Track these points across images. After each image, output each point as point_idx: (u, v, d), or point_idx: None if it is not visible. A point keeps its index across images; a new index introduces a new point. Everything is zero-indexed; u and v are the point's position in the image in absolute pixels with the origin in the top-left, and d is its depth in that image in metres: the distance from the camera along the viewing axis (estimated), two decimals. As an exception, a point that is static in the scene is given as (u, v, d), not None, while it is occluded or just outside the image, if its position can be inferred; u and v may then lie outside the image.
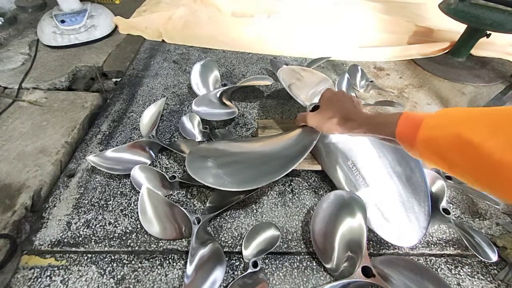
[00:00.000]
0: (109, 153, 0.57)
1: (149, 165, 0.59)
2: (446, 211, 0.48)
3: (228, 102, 0.71)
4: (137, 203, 0.51)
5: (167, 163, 0.61)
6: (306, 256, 0.48)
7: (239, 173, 0.47)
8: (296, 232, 0.50)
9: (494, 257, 0.44)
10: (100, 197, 0.54)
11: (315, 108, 0.54)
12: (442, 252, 0.49)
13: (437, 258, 0.49)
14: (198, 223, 0.47)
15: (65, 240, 0.47)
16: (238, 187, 0.44)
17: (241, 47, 1.02)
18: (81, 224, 0.50)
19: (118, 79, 0.87)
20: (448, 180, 0.55)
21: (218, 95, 0.70)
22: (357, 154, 0.53)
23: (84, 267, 0.45)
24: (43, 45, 0.93)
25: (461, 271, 0.47)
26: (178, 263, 0.46)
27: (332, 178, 0.54)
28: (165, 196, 0.53)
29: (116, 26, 1.06)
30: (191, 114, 0.68)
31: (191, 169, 0.45)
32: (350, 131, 0.44)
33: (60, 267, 0.45)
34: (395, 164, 0.52)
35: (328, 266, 0.45)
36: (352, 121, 0.43)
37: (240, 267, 0.46)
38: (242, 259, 0.46)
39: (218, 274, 0.43)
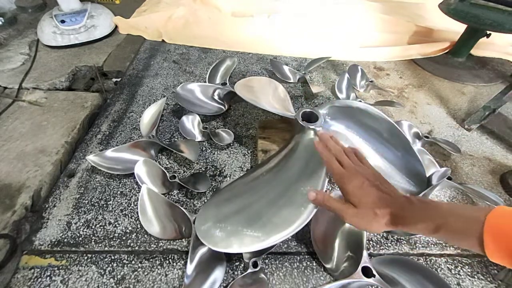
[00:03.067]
0: (109, 153, 0.57)
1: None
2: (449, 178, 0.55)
3: (219, 100, 0.73)
4: (137, 203, 0.51)
5: (167, 163, 0.61)
6: (306, 256, 0.48)
7: (258, 215, 0.41)
8: (296, 232, 0.50)
9: (501, 202, 0.52)
10: (100, 197, 0.54)
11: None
12: (442, 252, 0.49)
13: (437, 258, 0.49)
14: (198, 223, 0.46)
15: (65, 240, 0.47)
16: (268, 238, 0.38)
17: (241, 47, 1.02)
18: (81, 224, 0.50)
19: (118, 79, 0.87)
20: (448, 180, 0.55)
21: (211, 90, 0.72)
22: None
23: (84, 267, 0.45)
24: (43, 45, 0.93)
25: (461, 271, 0.47)
26: (178, 263, 0.46)
27: None
28: (164, 195, 0.53)
29: (116, 26, 1.06)
30: (191, 114, 0.68)
31: (208, 241, 0.39)
32: (409, 231, 0.33)
33: (60, 267, 0.45)
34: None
35: (328, 266, 0.45)
36: (410, 222, 0.32)
37: (240, 267, 0.46)
38: (242, 259, 0.46)
39: (218, 274, 0.43)
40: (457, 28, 0.97)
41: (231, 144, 0.66)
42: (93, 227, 0.49)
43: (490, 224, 0.25)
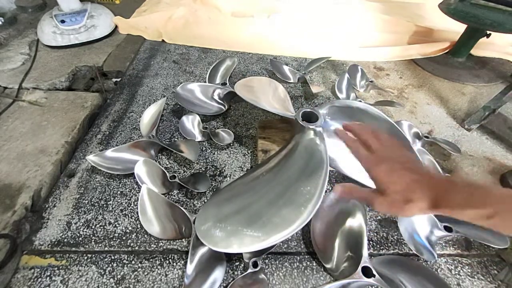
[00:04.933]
0: (109, 153, 0.57)
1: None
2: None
3: (219, 100, 0.73)
4: (137, 203, 0.51)
5: (167, 163, 0.61)
6: (306, 256, 0.48)
7: (258, 215, 0.41)
8: (296, 232, 0.50)
9: None
10: (100, 197, 0.54)
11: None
12: (442, 252, 0.49)
13: (437, 258, 0.49)
14: (198, 223, 0.46)
15: (65, 240, 0.47)
16: (268, 238, 0.38)
17: (241, 47, 1.02)
18: (81, 224, 0.50)
19: (118, 79, 0.87)
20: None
21: (211, 90, 0.73)
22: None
23: (84, 267, 0.45)
24: (43, 45, 0.93)
25: (461, 271, 0.47)
26: (178, 263, 0.46)
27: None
28: (164, 195, 0.53)
29: (116, 26, 1.06)
30: (191, 114, 0.68)
31: (208, 241, 0.39)
32: (455, 216, 0.30)
33: (60, 267, 0.45)
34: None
35: (328, 266, 0.45)
36: (455, 206, 0.29)
37: (240, 267, 0.46)
38: (242, 259, 0.46)
39: (218, 274, 0.43)
40: (457, 28, 0.97)
41: (231, 144, 0.66)
42: (93, 227, 0.49)
43: None
